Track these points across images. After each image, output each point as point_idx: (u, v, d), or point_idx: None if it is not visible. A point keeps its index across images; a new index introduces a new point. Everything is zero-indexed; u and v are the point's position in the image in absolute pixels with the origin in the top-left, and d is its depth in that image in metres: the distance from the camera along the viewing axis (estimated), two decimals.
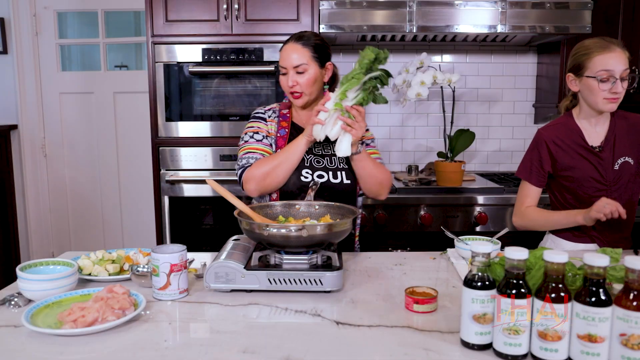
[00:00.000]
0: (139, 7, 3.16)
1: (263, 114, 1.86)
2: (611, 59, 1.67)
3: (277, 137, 1.80)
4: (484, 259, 1.00)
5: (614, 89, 1.67)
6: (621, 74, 1.67)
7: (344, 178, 1.77)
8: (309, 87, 1.76)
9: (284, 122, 1.83)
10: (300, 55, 1.75)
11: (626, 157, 1.74)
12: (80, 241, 3.59)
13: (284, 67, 1.76)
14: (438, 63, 3.19)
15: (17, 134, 3.46)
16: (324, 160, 1.79)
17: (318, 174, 1.75)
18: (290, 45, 1.77)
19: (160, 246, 1.31)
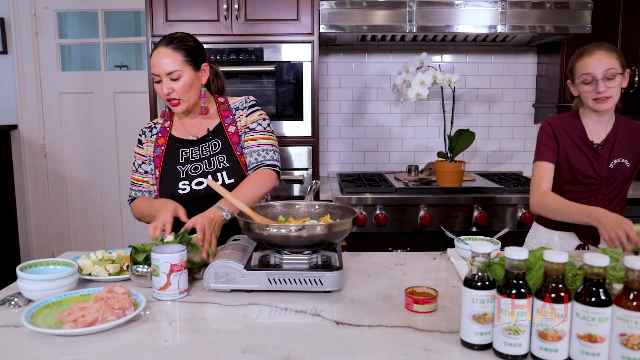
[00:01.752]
0: (139, 7, 3.17)
1: (140, 135, 1.84)
2: (590, 62, 1.76)
3: (154, 158, 1.78)
4: (484, 259, 1.00)
5: (597, 89, 1.75)
6: (604, 74, 1.74)
7: (226, 178, 1.72)
8: (185, 93, 1.68)
9: (161, 139, 1.80)
10: (172, 60, 1.65)
11: (623, 158, 1.81)
12: (80, 241, 3.59)
13: (156, 74, 1.67)
14: (438, 63, 3.19)
15: (17, 134, 3.46)
16: (201, 165, 1.75)
17: (197, 182, 1.71)
18: (160, 50, 1.66)
19: (160, 246, 1.31)
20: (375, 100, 3.24)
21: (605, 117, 1.84)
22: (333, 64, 3.22)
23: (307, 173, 2.76)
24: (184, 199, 1.70)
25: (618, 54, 1.76)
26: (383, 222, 2.59)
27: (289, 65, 2.67)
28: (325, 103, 3.23)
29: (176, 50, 1.67)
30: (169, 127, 1.83)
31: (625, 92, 2.89)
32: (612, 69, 1.73)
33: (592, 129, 1.85)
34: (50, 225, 3.60)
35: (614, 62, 1.74)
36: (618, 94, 1.77)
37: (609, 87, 1.74)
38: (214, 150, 1.78)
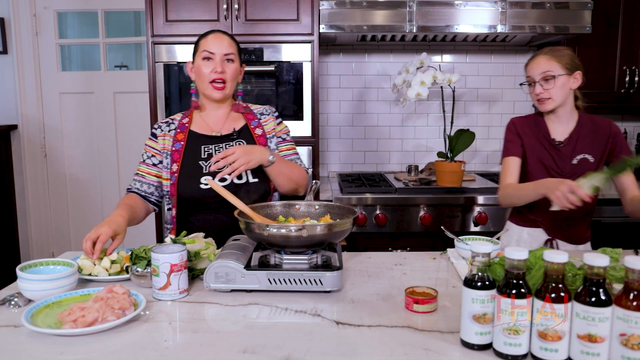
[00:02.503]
0: (139, 7, 3.16)
1: (155, 129, 1.83)
2: (530, 65, 1.86)
3: (172, 152, 1.76)
4: (484, 259, 1.00)
5: (535, 91, 1.84)
6: (540, 77, 1.82)
7: (250, 177, 1.74)
8: (232, 79, 1.76)
9: (180, 134, 1.78)
10: (230, 44, 1.76)
11: (586, 154, 1.85)
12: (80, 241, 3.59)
13: (211, 52, 1.72)
14: (438, 63, 3.19)
15: (17, 134, 3.46)
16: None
17: (220, 178, 1.70)
18: (219, 34, 1.76)
19: (160, 246, 1.31)
20: (375, 100, 3.24)
21: (563, 116, 1.89)
22: (333, 64, 3.22)
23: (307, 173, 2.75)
24: (205, 194, 1.69)
25: (560, 57, 1.81)
26: (383, 222, 2.59)
27: (289, 65, 2.67)
28: (325, 103, 3.23)
29: (232, 40, 1.79)
30: (188, 124, 1.81)
31: (626, 92, 2.90)
32: (548, 72, 1.80)
33: (553, 127, 1.92)
34: (50, 225, 3.60)
35: (553, 65, 1.80)
36: (559, 95, 1.82)
37: (546, 89, 1.81)
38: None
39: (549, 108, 1.85)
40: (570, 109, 1.88)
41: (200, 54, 1.74)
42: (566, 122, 1.90)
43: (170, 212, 1.78)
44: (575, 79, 1.83)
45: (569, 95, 1.86)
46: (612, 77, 2.92)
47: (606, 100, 2.94)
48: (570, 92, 1.86)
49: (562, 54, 1.82)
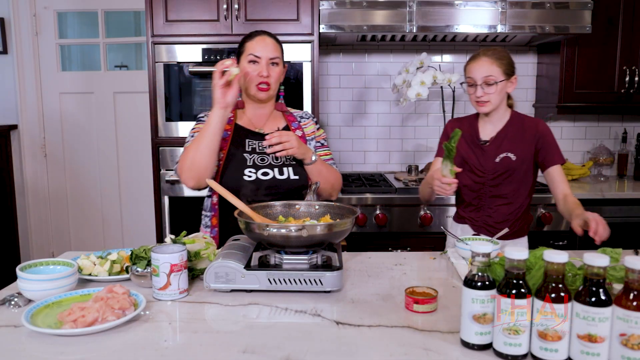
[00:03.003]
0: (139, 7, 3.16)
1: (203, 117, 1.84)
2: (473, 66, 1.85)
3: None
4: (484, 259, 1.00)
5: (476, 93, 1.84)
6: (482, 80, 1.82)
7: (291, 174, 1.77)
8: (277, 81, 1.80)
9: (226, 125, 1.80)
10: (276, 48, 1.78)
11: (508, 153, 1.86)
12: (80, 241, 3.59)
13: (258, 56, 1.74)
14: (438, 63, 3.19)
15: (17, 134, 3.46)
16: (268, 158, 1.79)
17: (262, 172, 1.74)
18: (266, 38, 1.78)
19: (160, 246, 1.31)
20: (375, 100, 3.24)
21: (494, 117, 1.91)
22: (333, 64, 3.22)
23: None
24: (248, 185, 1.71)
25: (502, 62, 1.82)
26: (383, 222, 2.59)
27: (289, 65, 2.67)
28: (325, 103, 3.23)
29: (277, 43, 1.81)
30: (233, 116, 1.84)
31: (626, 92, 2.90)
32: (491, 77, 1.81)
33: (484, 127, 1.94)
34: (50, 225, 3.60)
35: (495, 69, 1.81)
36: (497, 98, 1.84)
37: (487, 92, 1.82)
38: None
39: (486, 111, 1.86)
40: (503, 110, 1.90)
41: (247, 57, 1.76)
42: (496, 122, 1.92)
43: (211, 199, 1.80)
44: (511, 83, 1.86)
45: (504, 99, 1.88)
46: (612, 77, 2.92)
47: (606, 100, 2.94)
48: (506, 94, 1.88)
49: (503, 59, 1.83)
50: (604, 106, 2.98)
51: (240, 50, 1.81)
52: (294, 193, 1.75)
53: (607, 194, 2.72)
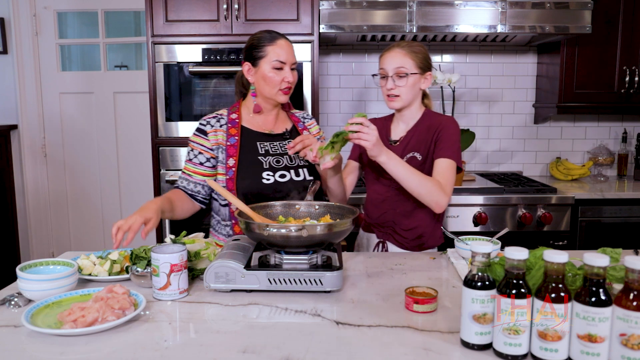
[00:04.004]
0: (139, 7, 3.17)
1: (204, 126, 1.78)
2: (385, 58, 1.77)
3: (227, 147, 1.74)
4: (484, 259, 1.00)
5: (387, 85, 1.76)
6: (394, 72, 1.74)
7: (307, 175, 1.78)
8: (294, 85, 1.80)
9: (232, 129, 1.78)
10: (294, 53, 1.79)
11: (415, 152, 1.78)
12: (80, 241, 3.59)
13: (283, 62, 1.73)
14: (438, 63, 3.19)
15: (17, 134, 3.46)
16: (283, 159, 1.78)
17: (280, 174, 1.74)
18: (287, 42, 1.77)
19: (160, 246, 1.31)
20: (376, 100, 3.24)
21: (407, 116, 1.83)
22: (333, 64, 3.22)
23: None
24: (266, 188, 1.70)
25: (416, 55, 1.74)
26: None
27: None
28: (325, 103, 3.23)
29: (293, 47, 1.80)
30: (238, 119, 1.80)
31: (626, 92, 2.90)
32: (402, 68, 1.73)
33: (396, 126, 1.87)
34: (50, 225, 3.60)
35: (408, 61, 1.73)
36: (409, 93, 1.75)
37: (398, 85, 1.74)
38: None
39: (397, 106, 1.78)
40: (417, 108, 1.82)
41: (271, 62, 1.72)
42: (408, 121, 1.83)
43: (227, 208, 1.76)
44: (425, 79, 1.78)
45: (417, 96, 1.80)
46: (612, 77, 2.92)
47: (606, 100, 2.94)
48: (420, 92, 1.80)
49: (417, 52, 1.75)
50: (604, 106, 2.98)
51: (258, 54, 1.74)
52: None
53: (607, 194, 2.72)
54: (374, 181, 1.86)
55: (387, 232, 1.83)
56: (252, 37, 1.79)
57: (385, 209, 1.82)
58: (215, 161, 1.75)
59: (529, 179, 2.98)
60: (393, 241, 1.82)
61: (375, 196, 1.86)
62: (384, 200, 1.82)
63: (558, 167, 3.16)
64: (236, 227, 1.74)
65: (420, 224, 1.79)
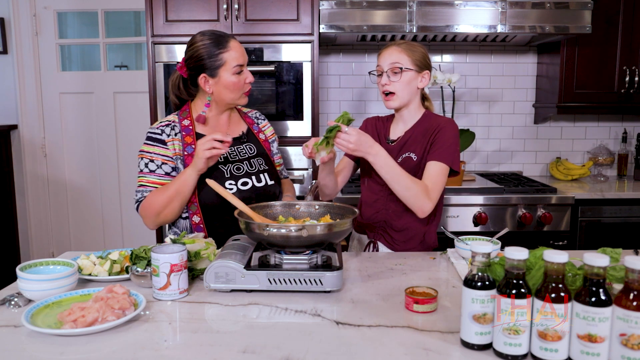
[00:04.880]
0: (139, 7, 3.17)
1: (160, 135, 1.71)
2: (382, 55, 1.76)
3: (185, 157, 1.70)
4: (484, 259, 1.00)
5: (381, 81, 1.74)
6: (390, 67, 1.72)
7: (268, 179, 1.77)
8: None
9: (187, 137, 1.72)
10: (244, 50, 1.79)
11: (410, 152, 1.76)
12: (80, 241, 3.59)
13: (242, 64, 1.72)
14: (438, 63, 3.19)
15: (17, 134, 3.46)
16: (243, 166, 1.76)
17: (242, 182, 1.72)
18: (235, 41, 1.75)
19: (160, 246, 1.31)
20: (376, 100, 3.24)
21: (406, 116, 1.81)
22: (333, 64, 3.22)
23: (307, 173, 2.76)
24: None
25: (412, 52, 1.72)
26: None
27: (289, 65, 2.67)
28: (325, 103, 3.23)
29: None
30: (192, 126, 1.75)
31: (626, 92, 2.90)
32: (397, 64, 1.70)
33: (395, 127, 1.85)
34: (50, 225, 3.60)
35: (403, 58, 1.71)
36: (405, 91, 1.73)
37: (392, 81, 1.71)
38: (251, 153, 1.81)
39: (393, 105, 1.76)
40: (415, 109, 1.79)
41: (231, 69, 1.69)
42: (407, 121, 1.81)
43: (187, 220, 1.73)
44: (423, 78, 1.75)
45: (416, 95, 1.77)
46: (612, 77, 2.92)
47: (606, 100, 2.94)
48: (417, 91, 1.77)
49: (414, 49, 1.73)
50: (604, 106, 2.98)
51: (215, 63, 1.68)
52: (272, 199, 1.74)
53: (607, 194, 2.72)
54: (367, 180, 1.85)
55: (379, 233, 1.82)
56: (195, 45, 1.70)
57: (378, 209, 1.81)
58: (176, 172, 1.70)
59: (529, 179, 2.98)
60: (384, 242, 1.81)
61: (369, 195, 1.85)
62: (376, 200, 1.81)
63: (558, 167, 3.16)
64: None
65: (410, 226, 1.77)
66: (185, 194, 1.64)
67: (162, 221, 1.70)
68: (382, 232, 1.81)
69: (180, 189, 1.63)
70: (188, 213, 1.73)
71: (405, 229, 1.77)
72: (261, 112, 2.02)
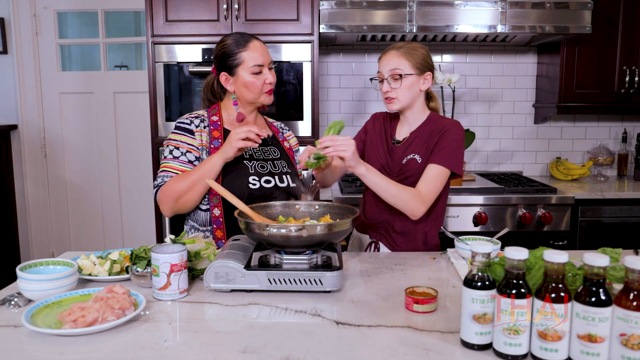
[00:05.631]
0: (139, 7, 3.17)
1: (189, 124, 1.74)
2: (381, 61, 1.76)
3: (210, 149, 1.71)
4: (484, 259, 1.00)
5: (383, 89, 1.75)
6: (390, 74, 1.72)
7: (290, 181, 1.78)
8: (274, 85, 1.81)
9: (215, 132, 1.74)
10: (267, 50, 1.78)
11: (415, 154, 1.75)
12: (80, 241, 3.59)
13: (261, 64, 1.71)
14: (438, 63, 3.19)
15: (17, 134, 3.46)
16: (267, 165, 1.77)
17: (265, 180, 1.73)
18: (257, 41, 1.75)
19: (160, 246, 1.31)
20: (376, 100, 3.24)
21: (409, 117, 1.80)
22: (333, 64, 3.22)
23: (307, 173, 2.76)
24: (253, 194, 1.69)
25: (412, 56, 1.71)
26: None
27: (289, 65, 2.67)
28: (325, 103, 3.23)
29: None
30: (220, 122, 1.77)
31: (626, 92, 2.90)
32: (396, 70, 1.70)
33: (400, 127, 1.85)
34: (50, 225, 3.60)
35: (403, 63, 1.70)
36: (406, 96, 1.72)
37: (393, 87, 1.71)
38: (275, 155, 1.82)
39: (394, 108, 1.76)
40: (419, 110, 1.79)
41: (249, 69, 1.70)
42: (412, 122, 1.80)
43: (208, 212, 1.72)
44: (425, 80, 1.73)
45: (419, 97, 1.76)
46: (612, 77, 2.92)
47: (606, 100, 2.94)
48: (420, 93, 1.76)
49: (414, 52, 1.71)
50: (604, 106, 2.98)
51: (234, 62, 1.71)
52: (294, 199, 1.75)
53: (607, 194, 2.72)
54: None
55: (381, 233, 1.82)
56: (220, 44, 1.75)
57: (383, 208, 1.81)
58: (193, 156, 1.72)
59: (529, 179, 2.98)
60: (385, 243, 1.81)
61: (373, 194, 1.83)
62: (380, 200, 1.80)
63: (558, 167, 3.16)
64: (218, 233, 1.69)
65: (411, 229, 1.77)
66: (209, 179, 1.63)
67: (181, 207, 1.68)
68: (384, 232, 1.81)
69: (205, 175, 1.62)
70: (209, 205, 1.72)
71: (406, 232, 1.78)
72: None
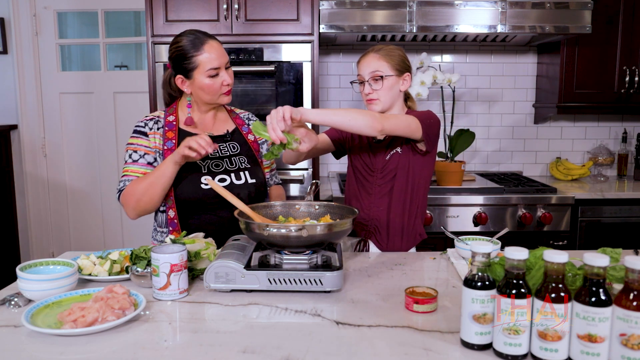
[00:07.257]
0: (139, 7, 3.17)
1: (143, 127, 1.74)
2: (361, 63, 1.78)
3: (164, 151, 1.70)
4: (484, 259, 1.00)
5: (364, 91, 1.77)
6: (370, 76, 1.74)
7: (248, 177, 1.75)
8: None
9: (169, 133, 1.73)
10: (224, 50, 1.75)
11: (398, 148, 1.77)
12: (80, 241, 3.59)
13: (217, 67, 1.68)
14: (438, 63, 3.19)
15: (17, 134, 3.46)
16: (222, 163, 1.75)
17: (220, 178, 1.71)
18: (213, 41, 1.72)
19: (160, 246, 1.31)
20: None
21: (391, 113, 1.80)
22: (333, 64, 3.22)
23: (307, 173, 2.76)
24: (206, 194, 1.67)
25: (391, 57, 1.74)
26: None
27: (289, 65, 2.67)
28: (325, 103, 3.23)
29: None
30: (175, 122, 1.76)
31: (626, 92, 2.90)
32: (377, 72, 1.73)
33: None
34: (50, 226, 3.60)
35: (383, 64, 1.73)
36: (387, 96, 1.75)
37: (375, 89, 1.74)
38: (234, 151, 1.80)
39: (376, 109, 1.76)
40: (399, 110, 1.80)
41: (204, 72, 1.67)
42: None
43: (164, 214, 1.72)
44: (404, 81, 1.77)
45: (399, 98, 1.79)
46: (612, 77, 2.92)
47: (606, 100, 2.94)
48: (400, 94, 1.79)
49: (392, 54, 1.75)
50: (604, 106, 2.98)
51: (189, 66, 1.68)
52: (253, 199, 1.72)
53: (607, 194, 2.72)
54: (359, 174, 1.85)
55: (370, 230, 1.82)
56: (175, 45, 1.72)
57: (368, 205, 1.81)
58: (157, 164, 1.71)
59: (529, 179, 2.98)
60: (374, 240, 1.80)
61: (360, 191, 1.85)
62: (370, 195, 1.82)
63: (558, 167, 3.16)
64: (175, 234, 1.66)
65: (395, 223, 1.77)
66: (162, 184, 1.63)
67: (142, 210, 1.67)
68: (373, 230, 1.81)
69: (158, 179, 1.62)
70: (165, 207, 1.72)
71: (390, 226, 1.78)
72: (261, 112, 2.01)
